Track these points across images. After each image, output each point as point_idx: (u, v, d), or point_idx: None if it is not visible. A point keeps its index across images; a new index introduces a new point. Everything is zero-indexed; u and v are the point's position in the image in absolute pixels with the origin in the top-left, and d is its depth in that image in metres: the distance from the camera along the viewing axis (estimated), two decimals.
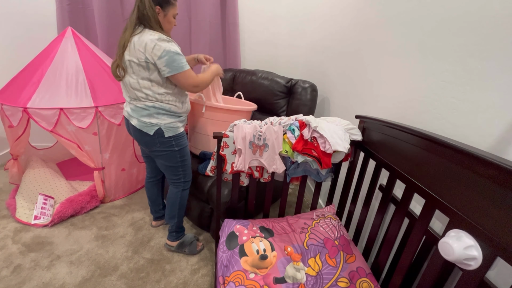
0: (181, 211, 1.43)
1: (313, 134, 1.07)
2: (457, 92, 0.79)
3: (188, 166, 1.37)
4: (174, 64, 1.11)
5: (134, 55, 1.11)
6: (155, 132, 1.21)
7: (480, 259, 0.58)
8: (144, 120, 1.21)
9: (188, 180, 1.40)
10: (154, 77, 1.15)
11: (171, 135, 1.24)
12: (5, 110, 1.56)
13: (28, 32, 2.10)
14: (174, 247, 1.47)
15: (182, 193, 1.39)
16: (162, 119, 1.21)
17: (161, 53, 1.08)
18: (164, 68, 1.11)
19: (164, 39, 1.10)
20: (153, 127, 1.21)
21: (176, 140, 1.27)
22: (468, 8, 0.76)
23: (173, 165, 1.32)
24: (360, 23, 1.40)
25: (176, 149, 1.28)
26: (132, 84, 1.16)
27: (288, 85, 1.79)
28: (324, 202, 1.76)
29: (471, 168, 0.62)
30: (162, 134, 1.22)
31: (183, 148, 1.32)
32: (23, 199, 1.71)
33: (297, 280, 0.93)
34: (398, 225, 0.90)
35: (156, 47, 1.08)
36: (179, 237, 1.48)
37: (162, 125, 1.21)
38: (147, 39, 1.08)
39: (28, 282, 1.26)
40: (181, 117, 1.30)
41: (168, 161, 1.31)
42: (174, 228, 1.44)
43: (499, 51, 0.67)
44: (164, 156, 1.29)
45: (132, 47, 1.11)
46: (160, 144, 1.25)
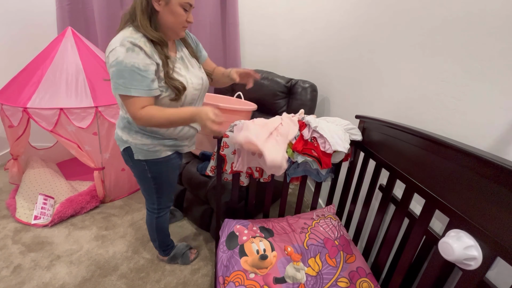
0: (161, 235, 1.29)
1: (313, 134, 1.07)
2: (457, 92, 0.79)
3: (165, 194, 1.16)
4: (119, 81, 0.83)
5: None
6: (124, 150, 1.01)
7: (480, 259, 0.58)
8: (117, 133, 1.01)
9: (162, 207, 1.20)
10: None
11: (141, 159, 1.00)
12: (5, 110, 1.56)
13: (28, 32, 2.10)
14: (166, 260, 1.42)
15: (158, 220, 1.21)
16: (133, 137, 0.97)
17: (112, 61, 0.82)
18: (111, 81, 0.86)
19: (126, 45, 0.80)
20: (123, 143, 1.00)
21: (150, 165, 1.02)
22: (468, 8, 0.76)
23: (146, 188, 1.13)
24: (360, 23, 1.40)
25: (149, 175, 1.05)
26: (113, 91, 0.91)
27: (288, 85, 1.78)
28: (324, 202, 1.76)
29: (471, 168, 0.62)
30: (131, 155, 1.00)
31: (161, 174, 1.07)
32: (23, 199, 1.71)
33: (297, 280, 0.93)
34: (398, 225, 0.90)
35: (111, 52, 0.82)
36: (167, 253, 1.40)
37: (133, 144, 0.98)
38: (114, 39, 0.84)
39: (28, 282, 1.26)
40: (167, 140, 1.02)
41: (140, 184, 1.12)
42: (158, 248, 1.36)
43: (499, 51, 0.67)
44: (137, 177, 1.10)
45: None
46: (132, 164, 1.04)
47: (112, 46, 0.83)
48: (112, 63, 0.82)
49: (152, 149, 1.00)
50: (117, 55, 0.81)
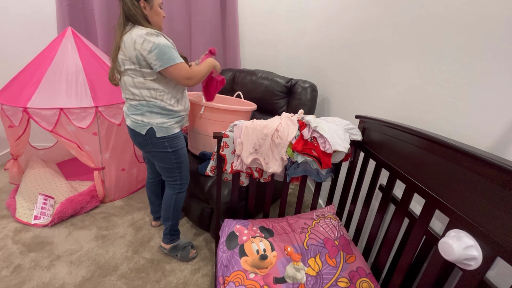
0: (176, 214, 1.40)
1: (313, 134, 1.07)
2: (457, 92, 0.79)
3: (184, 168, 1.33)
4: (164, 57, 1.08)
5: (127, 53, 1.10)
6: (147, 132, 1.19)
7: (480, 259, 0.58)
8: (136, 119, 1.19)
9: (184, 183, 1.37)
10: (147, 74, 1.13)
11: (163, 136, 1.21)
12: (5, 110, 1.56)
13: (28, 32, 2.10)
14: (167, 249, 1.45)
15: (178, 195, 1.36)
16: (154, 118, 1.18)
17: (150, 47, 1.06)
18: (155, 62, 1.08)
19: (153, 33, 1.07)
20: (144, 126, 1.18)
21: (169, 141, 1.23)
22: (468, 8, 0.76)
23: (168, 166, 1.29)
24: (360, 23, 1.40)
25: (170, 150, 1.24)
26: (127, 82, 1.15)
27: (288, 85, 1.79)
28: (324, 202, 1.76)
29: (471, 168, 0.62)
30: (153, 134, 1.19)
31: (178, 149, 1.27)
32: (23, 199, 1.71)
33: (297, 280, 0.93)
34: (398, 225, 0.89)
35: (145, 42, 1.06)
36: (173, 239, 1.45)
37: (154, 124, 1.18)
38: (136, 35, 1.07)
39: (28, 282, 1.26)
40: (177, 117, 1.25)
41: (162, 162, 1.28)
42: (168, 230, 1.42)
43: (499, 51, 0.67)
44: (158, 157, 1.27)
45: (123, 46, 1.10)
46: (152, 145, 1.22)
47: (140, 39, 1.06)
48: (152, 48, 1.06)
49: (170, 126, 1.22)
50: (152, 41, 1.06)
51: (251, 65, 2.39)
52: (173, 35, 2.17)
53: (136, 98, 1.18)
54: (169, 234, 1.43)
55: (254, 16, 2.27)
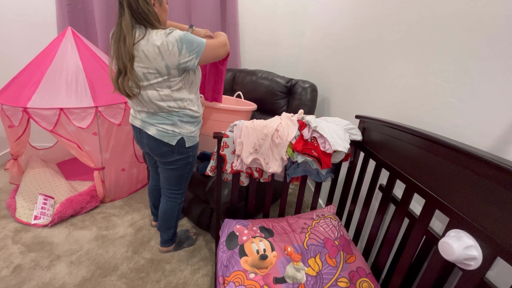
0: (177, 221, 1.42)
1: (313, 134, 1.07)
2: (457, 92, 0.79)
3: (190, 177, 1.34)
4: (193, 46, 0.98)
5: (150, 65, 0.98)
6: (177, 142, 1.14)
7: (480, 259, 0.58)
8: (166, 129, 1.11)
9: (184, 192, 1.37)
10: (173, 84, 1.04)
11: (191, 145, 1.20)
12: (5, 110, 1.56)
13: (28, 32, 2.10)
14: (172, 249, 1.47)
15: (179, 205, 1.37)
16: (185, 127, 1.14)
17: (177, 46, 0.95)
18: (191, 57, 0.99)
19: (168, 32, 0.96)
20: (175, 136, 1.13)
21: (193, 150, 1.23)
22: (468, 8, 0.76)
23: (181, 175, 1.28)
24: (360, 23, 1.40)
25: (191, 160, 1.25)
26: (152, 96, 1.05)
27: (288, 85, 1.79)
28: (324, 202, 1.76)
29: (471, 168, 0.62)
30: (183, 144, 1.16)
31: (195, 157, 1.28)
32: (23, 199, 1.71)
33: (297, 280, 0.93)
34: (398, 225, 0.90)
35: (169, 45, 0.95)
36: (174, 240, 1.47)
37: (185, 134, 1.15)
38: (157, 42, 0.95)
39: (28, 282, 1.26)
40: (200, 122, 1.23)
41: (178, 171, 1.26)
42: (170, 237, 1.43)
43: (499, 51, 0.67)
44: (176, 166, 1.23)
45: (144, 56, 0.97)
46: (178, 154, 1.19)
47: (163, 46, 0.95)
48: (179, 47, 0.96)
49: (196, 134, 1.21)
50: (173, 38, 0.95)
51: (251, 65, 2.39)
52: None
53: (163, 109, 1.09)
54: (171, 239, 1.44)
55: (254, 16, 2.27)
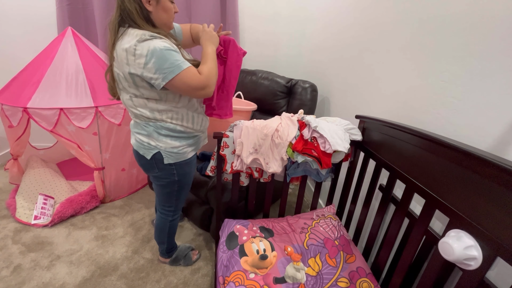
0: (171, 237, 1.32)
1: (313, 134, 1.07)
2: (457, 92, 0.79)
3: (183, 197, 1.19)
4: (165, 66, 0.80)
5: (120, 68, 0.86)
6: (153, 157, 0.99)
7: (480, 259, 0.58)
8: (142, 140, 0.98)
9: (178, 209, 1.23)
10: (146, 93, 0.89)
11: (171, 162, 1.01)
12: (5, 110, 1.56)
13: (28, 32, 2.10)
14: (168, 263, 1.41)
15: (172, 222, 1.24)
16: (163, 141, 0.97)
17: (145, 58, 0.80)
18: (156, 76, 0.82)
19: (146, 38, 0.80)
20: (150, 149, 0.98)
21: (178, 168, 1.04)
22: (468, 8, 0.76)
23: (169, 193, 1.13)
24: (360, 23, 1.40)
25: (176, 178, 1.07)
26: (126, 102, 0.94)
27: (288, 85, 1.79)
28: (324, 202, 1.75)
29: (471, 168, 0.62)
30: (161, 159, 0.99)
31: (186, 175, 1.09)
32: (23, 199, 1.71)
33: (297, 280, 0.93)
34: (398, 225, 0.90)
35: (137, 52, 0.80)
36: (171, 254, 1.40)
37: (163, 149, 0.98)
38: (127, 44, 0.82)
39: (28, 282, 1.26)
40: (192, 138, 1.04)
41: (163, 188, 1.12)
42: (165, 251, 1.36)
43: (499, 51, 0.67)
44: (161, 182, 1.10)
45: (116, 57, 0.86)
46: (158, 170, 1.03)
47: (131, 49, 0.81)
48: (147, 60, 0.80)
49: (181, 151, 1.01)
50: (146, 47, 0.79)
51: (251, 65, 2.38)
52: None
53: (140, 118, 0.96)
54: (167, 252, 1.38)
55: (254, 16, 2.27)
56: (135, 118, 0.99)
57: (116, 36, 0.87)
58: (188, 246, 1.47)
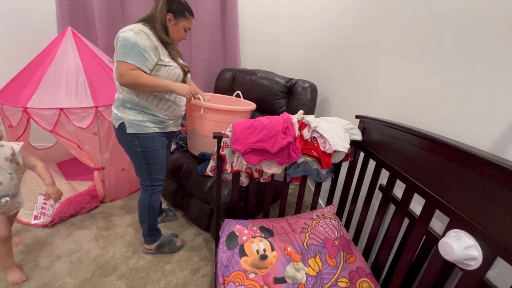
0: (151, 215, 1.37)
1: (313, 134, 1.07)
2: (457, 92, 0.79)
3: (156, 171, 1.28)
4: (120, 50, 1.04)
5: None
6: (119, 126, 1.17)
7: (480, 259, 0.58)
8: (114, 111, 1.19)
9: (155, 185, 1.32)
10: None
11: (133, 132, 1.17)
12: (5, 110, 1.56)
13: (28, 32, 2.10)
14: (153, 249, 1.45)
15: (151, 197, 1.32)
16: (127, 113, 1.16)
17: (122, 40, 1.04)
18: (117, 51, 1.07)
19: (134, 31, 1.04)
20: (117, 120, 1.17)
21: (139, 140, 1.18)
22: (468, 8, 0.76)
23: (137, 165, 1.27)
24: (360, 23, 1.40)
25: (139, 150, 1.20)
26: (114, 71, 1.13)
27: (288, 85, 1.79)
28: (324, 202, 1.75)
29: (471, 168, 0.62)
30: (124, 129, 1.17)
31: (149, 151, 1.22)
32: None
33: (297, 280, 0.93)
34: (398, 225, 0.90)
35: (122, 34, 1.05)
36: (155, 239, 1.44)
37: (125, 119, 1.16)
38: (124, 28, 1.07)
39: (28, 282, 1.26)
40: (153, 116, 1.19)
41: (132, 160, 1.27)
42: (147, 232, 1.41)
43: (499, 51, 0.67)
44: (129, 154, 1.25)
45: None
46: (123, 140, 1.21)
47: (123, 30, 1.06)
48: (119, 40, 1.05)
49: (142, 124, 1.17)
50: (125, 35, 1.04)
51: (251, 65, 2.39)
52: None
53: (118, 91, 1.18)
54: (149, 236, 1.42)
55: (254, 16, 2.27)
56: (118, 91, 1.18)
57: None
58: (171, 233, 1.52)
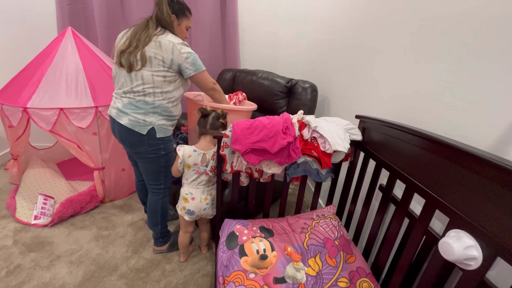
0: (164, 217, 1.41)
1: (313, 134, 1.07)
2: (457, 92, 0.79)
3: (169, 172, 1.33)
4: (197, 64, 1.19)
5: (160, 53, 1.13)
6: (148, 132, 1.19)
7: (480, 259, 0.58)
8: (138, 118, 1.18)
9: (168, 187, 1.38)
10: (169, 75, 1.17)
11: (162, 137, 1.24)
12: (5, 110, 1.56)
13: (28, 32, 2.10)
14: (165, 249, 1.47)
15: (163, 199, 1.37)
16: (158, 119, 1.21)
17: (187, 54, 1.16)
18: (190, 67, 1.18)
19: (186, 44, 1.18)
20: (146, 126, 1.19)
21: (164, 143, 1.27)
22: (468, 8, 0.76)
23: (156, 169, 1.30)
24: (360, 23, 1.40)
25: (163, 153, 1.27)
26: (146, 77, 1.14)
27: (288, 85, 1.78)
28: (324, 202, 1.75)
29: (471, 168, 0.62)
30: (153, 134, 1.21)
31: (170, 153, 1.31)
32: (23, 199, 1.71)
33: (297, 280, 0.93)
34: (398, 225, 0.89)
35: (182, 49, 1.15)
36: (167, 240, 1.47)
37: (156, 124, 1.20)
38: (175, 42, 1.14)
39: (28, 282, 1.26)
40: (174, 120, 1.30)
41: (152, 165, 1.29)
42: (159, 234, 1.43)
43: (499, 51, 0.67)
44: (149, 159, 1.27)
45: (158, 45, 1.13)
46: (148, 146, 1.23)
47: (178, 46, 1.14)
48: (188, 55, 1.17)
49: (168, 128, 1.27)
50: (187, 50, 1.17)
51: (251, 65, 2.39)
52: None
53: (144, 93, 1.16)
54: (161, 237, 1.44)
55: (254, 16, 2.27)
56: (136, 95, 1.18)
57: (156, 32, 1.15)
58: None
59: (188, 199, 1.27)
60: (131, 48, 1.14)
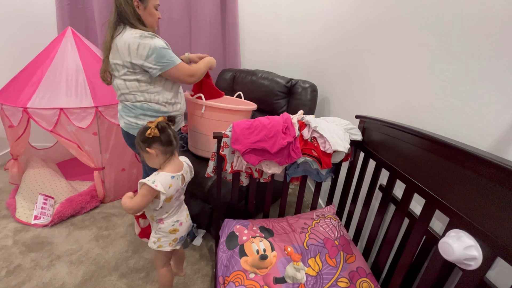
0: None
1: (313, 134, 1.07)
2: (457, 92, 0.79)
3: None
4: (163, 60, 1.07)
5: (119, 57, 1.07)
6: None
7: (480, 259, 0.58)
8: (130, 121, 1.19)
9: None
10: (141, 77, 1.11)
11: None
12: (5, 110, 1.56)
13: (28, 32, 2.10)
14: None
15: None
16: (148, 120, 1.17)
17: (147, 52, 1.04)
18: (154, 67, 1.07)
19: (147, 36, 1.04)
20: (138, 128, 1.16)
21: None
22: (468, 8, 0.76)
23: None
24: (361, 23, 1.40)
25: None
26: (119, 85, 1.14)
27: (288, 85, 1.78)
28: (324, 202, 1.75)
29: (471, 168, 0.62)
30: None
31: None
32: (23, 199, 1.71)
33: (297, 280, 0.93)
34: (398, 225, 0.90)
35: (140, 47, 1.03)
36: None
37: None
38: (129, 39, 1.04)
39: (28, 282, 1.26)
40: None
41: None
42: None
43: (499, 51, 0.67)
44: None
45: (115, 49, 1.07)
46: None
47: (134, 44, 1.03)
48: (148, 53, 1.04)
49: None
50: (148, 44, 1.04)
51: (251, 65, 2.39)
52: (173, 35, 2.17)
53: (130, 100, 1.17)
54: None
55: (254, 16, 2.27)
56: (125, 101, 1.18)
57: (115, 33, 1.08)
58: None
59: (177, 228, 1.04)
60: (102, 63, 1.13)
